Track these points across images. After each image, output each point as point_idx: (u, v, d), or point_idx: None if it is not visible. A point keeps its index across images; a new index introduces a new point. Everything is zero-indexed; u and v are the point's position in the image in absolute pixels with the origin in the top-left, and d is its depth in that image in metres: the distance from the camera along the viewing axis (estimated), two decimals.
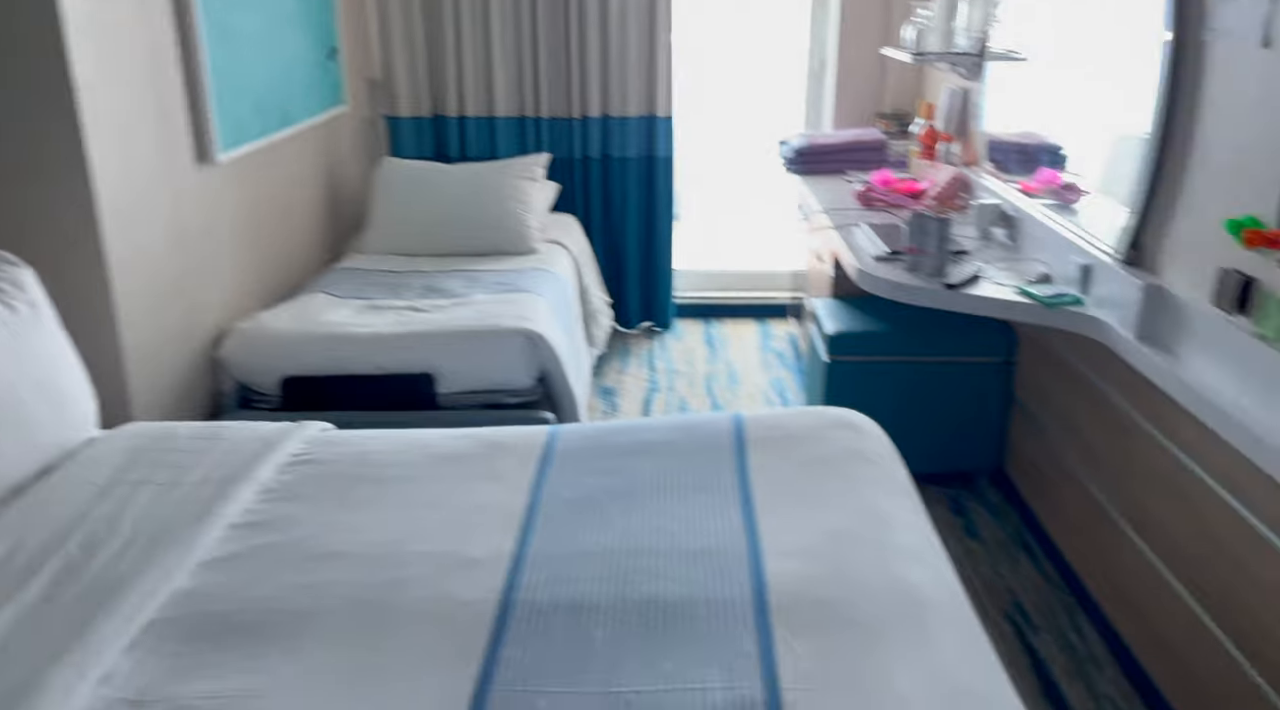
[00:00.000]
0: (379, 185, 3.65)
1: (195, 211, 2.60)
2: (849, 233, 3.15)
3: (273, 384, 2.69)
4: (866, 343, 3.02)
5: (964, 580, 2.63)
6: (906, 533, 1.62)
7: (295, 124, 3.24)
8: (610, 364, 4.22)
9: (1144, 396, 2.17)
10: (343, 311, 2.92)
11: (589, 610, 1.41)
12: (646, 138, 4.30)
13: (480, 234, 3.56)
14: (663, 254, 4.46)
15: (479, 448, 1.91)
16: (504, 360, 2.73)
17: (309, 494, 1.73)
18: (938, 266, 2.67)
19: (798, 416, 2.03)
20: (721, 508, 1.69)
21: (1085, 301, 2.42)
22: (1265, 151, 1.78)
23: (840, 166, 4.01)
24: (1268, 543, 1.73)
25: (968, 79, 3.52)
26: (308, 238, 3.50)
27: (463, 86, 4.17)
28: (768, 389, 3.97)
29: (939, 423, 3.05)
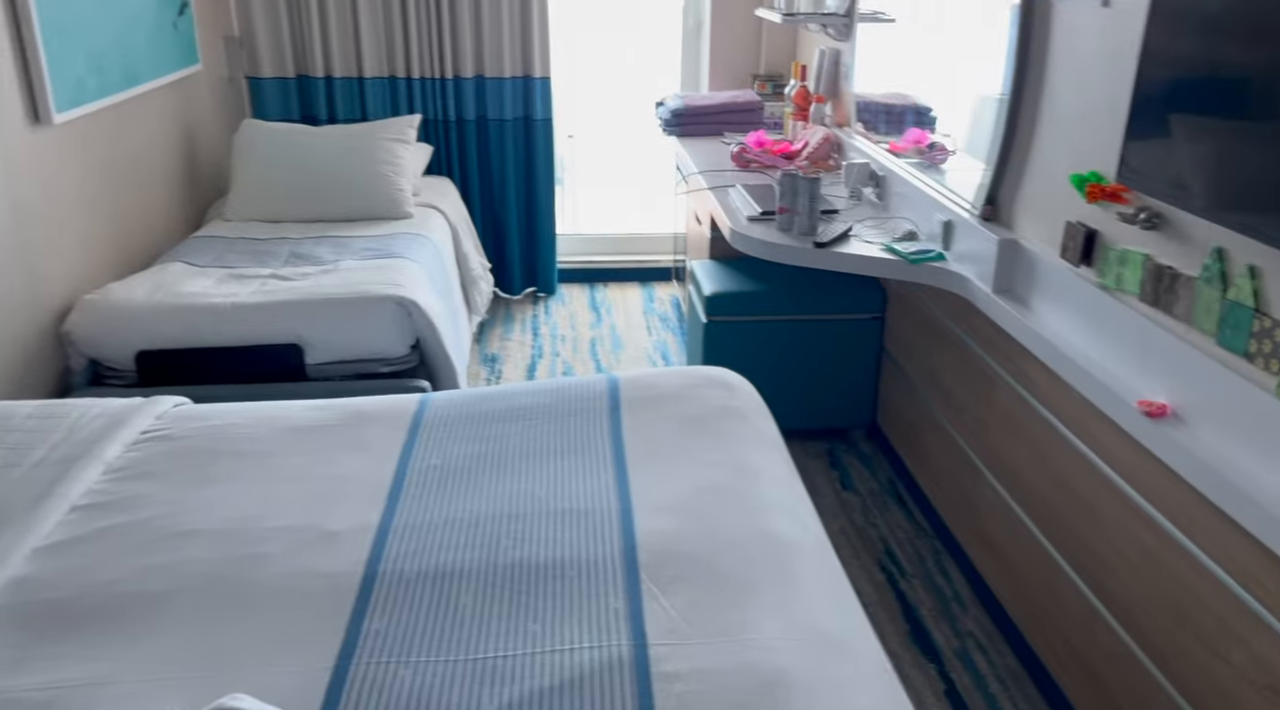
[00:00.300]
0: (240, 149, 3.48)
1: (31, 176, 2.42)
2: (724, 194, 3.17)
3: (126, 359, 2.55)
4: (743, 303, 3.06)
5: (839, 531, 2.74)
6: (774, 486, 1.65)
7: (142, 84, 3.04)
8: (493, 330, 4.16)
9: (1000, 347, 2.26)
10: (202, 281, 2.78)
11: (456, 578, 1.39)
12: (523, 99, 4.23)
13: (350, 199, 3.44)
14: (545, 218, 4.41)
15: (344, 419, 1.85)
16: (376, 328, 2.65)
17: (160, 471, 1.64)
18: (808, 226, 2.71)
19: (672, 376, 2.04)
20: (594, 469, 1.68)
21: (947, 257, 2.50)
22: (1106, 109, 1.86)
23: (717, 128, 4.02)
24: (1110, 483, 1.83)
25: (838, 40, 3.57)
26: (167, 204, 3.32)
27: (328, 45, 4.00)
28: (651, 351, 3.98)
29: (815, 379, 3.12)
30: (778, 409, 3.17)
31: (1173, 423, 1.64)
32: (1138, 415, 1.68)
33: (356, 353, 2.66)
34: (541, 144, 4.29)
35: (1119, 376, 1.80)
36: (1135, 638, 1.78)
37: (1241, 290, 1.51)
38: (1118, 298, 1.84)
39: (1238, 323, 1.52)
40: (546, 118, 4.27)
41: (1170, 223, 1.69)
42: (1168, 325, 1.70)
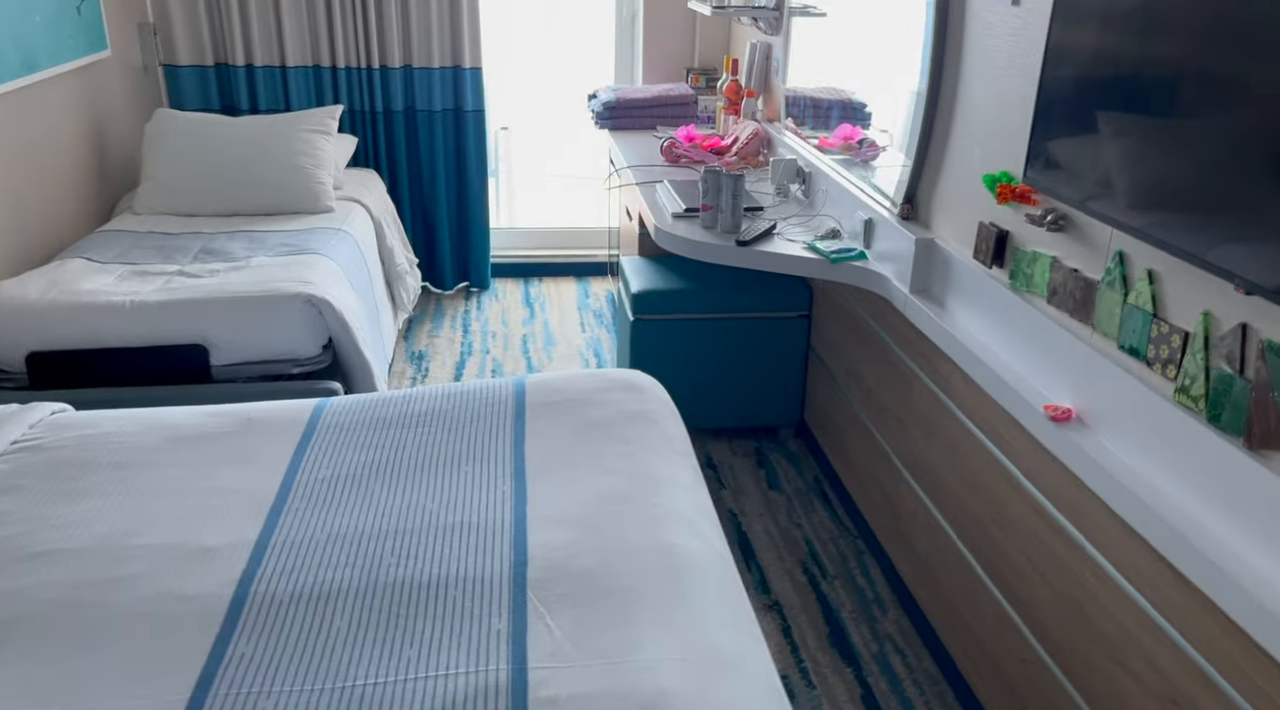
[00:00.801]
0: (151, 139, 3.34)
1: None
2: (651, 190, 3.12)
3: (16, 361, 2.43)
4: (670, 300, 3.01)
5: (764, 531, 2.71)
6: (676, 496, 1.60)
7: (41, 70, 2.90)
8: (422, 326, 4.07)
9: (918, 347, 2.24)
10: (102, 279, 2.66)
11: (331, 599, 1.32)
12: (453, 90, 4.13)
13: (267, 192, 3.33)
14: (477, 211, 4.32)
15: (233, 426, 1.77)
16: (285, 328, 2.55)
17: (25, 485, 1.55)
18: (731, 223, 2.67)
19: (582, 379, 1.98)
20: (491, 479, 1.62)
21: (868, 256, 2.47)
22: (1016, 108, 1.84)
23: (650, 121, 3.97)
24: (1020, 486, 1.81)
25: (769, 34, 3.53)
26: (72, 196, 3.18)
27: (249, 33, 3.87)
28: (584, 349, 3.92)
29: (743, 377, 3.09)
30: (706, 408, 3.17)
31: (1077, 427, 1.62)
32: (1043, 419, 1.66)
33: (264, 353, 2.56)
34: (473, 136, 4.20)
35: (1028, 380, 1.78)
36: (1044, 643, 1.76)
37: (1141, 295, 1.49)
38: (1027, 300, 1.82)
39: (1137, 327, 1.50)
40: (478, 109, 4.18)
41: (1076, 225, 1.67)
42: (1074, 329, 1.69)
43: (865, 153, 2.95)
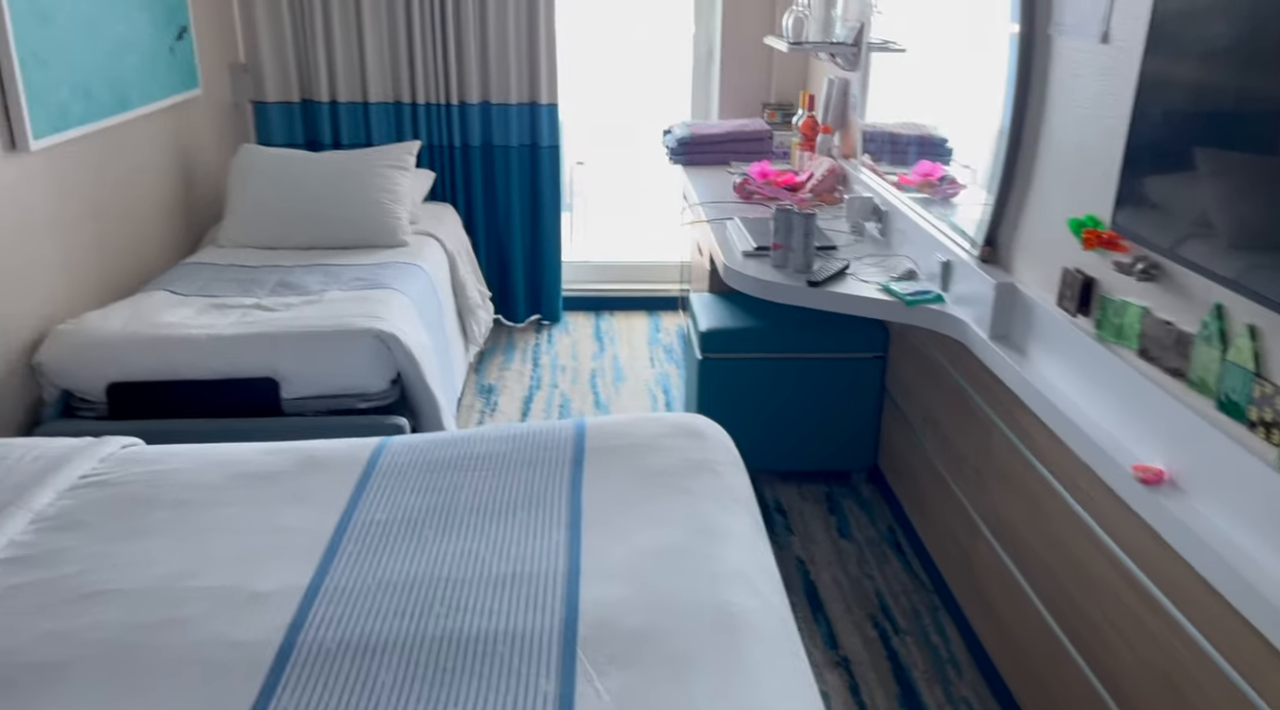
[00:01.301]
0: (237, 174, 3.44)
1: (5, 203, 2.38)
2: (722, 227, 3.08)
3: (98, 391, 2.49)
4: (740, 339, 2.95)
5: (833, 580, 2.61)
6: (737, 551, 1.54)
7: (134, 109, 3.01)
8: (493, 359, 4.09)
9: (998, 396, 2.14)
10: (182, 311, 2.72)
11: (378, 651, 1.29)
12: (530, 125, 4.17)
13: (344, 226, 3.39)
14: (550, 245, 4.34)
15: (293, 464, 1.77)
16: (354, 363, 2.57)
17: (89, 522, 1.57)
18: (802, 262, 2.61)
19: (644, 424, 1.94)
20: (546, 527, 1.58)
21: (946, 299, 2.38)
22: (1102, 150, 1.75)
23: (724, 157, 3.94)
24: (1106, 549, 1.70)
25: (846, 69, 3.47)
26: (160, 229, 3.28)
27: (333, 70, 3.97)
28: (653, 385, 3.88)
29: (814, 420, 3.00)
30: (775, 450, 3.10)
31: (1168, 491, 1.51)
32: (1132, 480, 1.56)
33: (333, 388, 2.59)
34: (548, 171, 4.23)
35: (1115, 436, 1.67)
36: None
37: (1241, 351, 1.38)
38: (1115, 351, 1.72)
39: (1237, 386, 1.39)
40: (553, 145, 4.21)
41: (1169, 275, 1.57)
42: (1166, 385, 1.58)
43: (945, 190, 2.86)
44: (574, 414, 3.60)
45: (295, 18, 3.91)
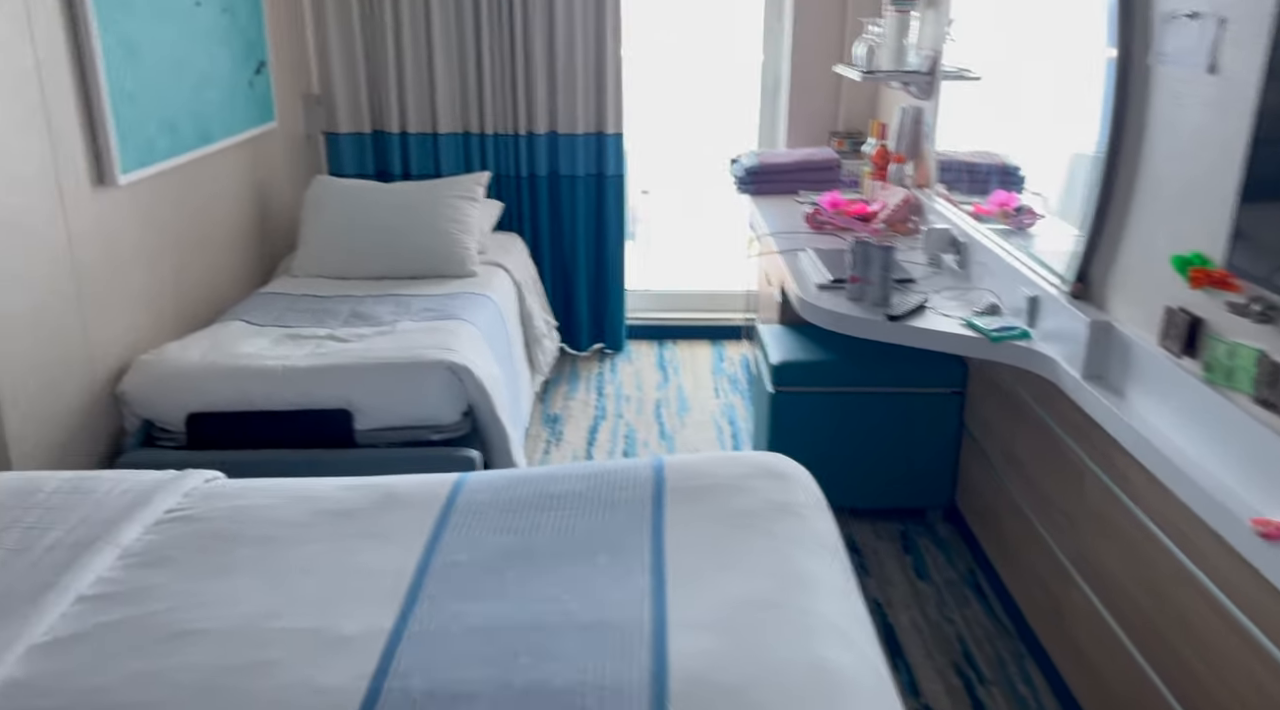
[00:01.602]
0: (310, 205, 3.49)
1: (94, 236, 2.43)
2: (795, 258, 3.03)
3: (178, 421, 2.52)
4: (812, 373, 2.90)
5: (911, 624, 2.53)
6: (830, 602, 1.49)
7: (215, 142, 3.07)
8: (557, 389, 4.08)
9: (1091, 438, 2.05)
10: (258, 341, 2.75)
11: (466, 700, 1.26)
12: (596, 155, 4.18)
13: (415, 256, 3.41)
14: (614, 274, 4.33)
15: (373, 501, 1.76)
16: (426, 394, 2.57)
17: (175, 558, 1.57)
18: (881, 296, 2.55)
19: (724, 463, 1.89)
20: (628, 572, 1.55)
21: (1033, 335, 2.30)
22: (1212, 185, 1.67)
23: (792, 186, 3.90)
24: (1215, 602, 1.61)
25: (920, 98, 3.42)
26: (234, 260, 3.34)
27: (404, 102, 4.03)
28: (718, 416, 3.83)
29: (889, 456, 2.93)
30: (848, 486, 3.02)
31: None
32: (1251, 534, 1.47)
33: (406, 419, 2.59)
34: (613, 200, 4.23)
35: (1228, 486, 1.59)
36: None
37: None
38: (1227, 396, 1.64)
39: None
40: (619, 174, 4.21)
41: None
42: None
43: (1022, 220, 2.79)
44: (640, 445, 3.57)
45: (367, 50, 3.98)
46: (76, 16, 2.33)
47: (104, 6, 2.41)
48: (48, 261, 2.24)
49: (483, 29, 3.92)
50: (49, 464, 2.25)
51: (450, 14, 3.91)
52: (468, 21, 3.92)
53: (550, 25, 3.95)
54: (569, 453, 3.51)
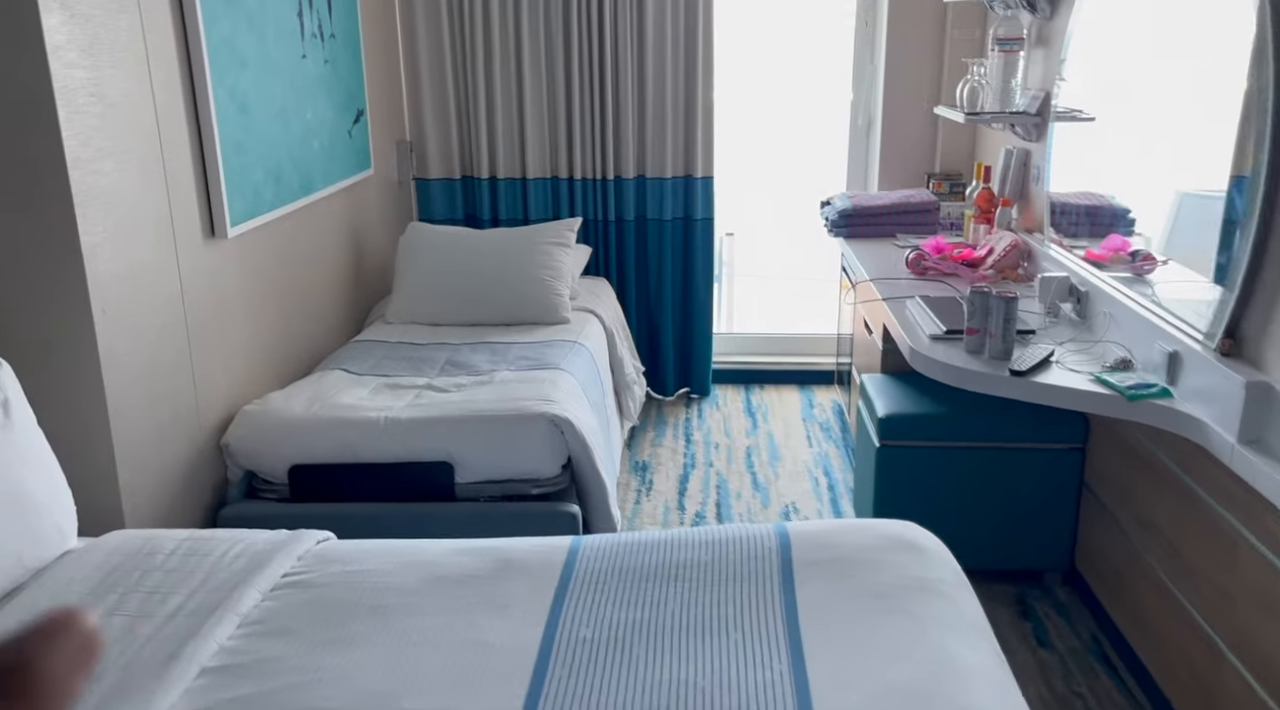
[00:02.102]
0: (404, 251, 3.50)
1: (204, 288, 2.45)
2: (901, 306, 2.92)
3: (280, 473, 2.51)
4: (921, 426, 2.78)
5: (1037, 697, 2.37)
6: (988, 693, 1.37)
7: (317, 191, 3.10)
8: (644, 435, 4.00)
9: (1247, 506, 1.90)
10: (358, 391, 2.74)
11: None
12: (684, 198, 4.14)
13: (509, 304, 3.39)
14: (701, 317, 4.27)
15: (488, 567, 1.70)
16: (527, 447, 2.52)
17: (295, 627, 1.52)
18: (1001, 349, 2.43)
19: (852, 532, 1.79)
20: (765, 654, 1.45)
21: (1174, 394, 2.16)
22: None
23: (889, 229, 3.80)
24: None
25: (1027, 139, 3.30)
26: (332, 306, 3.35)
27: (494, 148, 4.04)
28: (812, 465, 3.72)
29: (1003, 514, 2.79)
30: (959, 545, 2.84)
31: None
32: None
33: (507, 472, 2.54)
34: (700, 243, 4.18)
35: None
36: None
37: None
38: None
39: None
40: (707, 217, 4.16)
41: None
42: None
43: (1140, 266, 2.66)
44: (733, 496, 3.47)
45: (459, 97, 4.01)
46: (194, 72, 2.36)
47: (218, 62, 2.44)
48: (161, 313, 2.25)
49: (573, 75, 3.92)
50: (158, 515, 2.25)
51: (541, 61, 3.92)
52: (558, 68, 3.92)
53: (641, 69, 3.94)
54: (661, 503, 3.43)
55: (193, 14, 2.33)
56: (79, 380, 2.00)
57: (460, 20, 3.91)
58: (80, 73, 1.93)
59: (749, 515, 3.35)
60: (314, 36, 3.07)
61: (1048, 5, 3.16)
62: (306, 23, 3.01)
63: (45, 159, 1.88)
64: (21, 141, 1.88)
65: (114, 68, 2.04)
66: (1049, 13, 3.16)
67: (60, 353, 1.99)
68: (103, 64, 2.00)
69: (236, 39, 2.55)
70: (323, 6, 3.14)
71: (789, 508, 3.40)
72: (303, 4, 2.98)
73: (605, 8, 3.84)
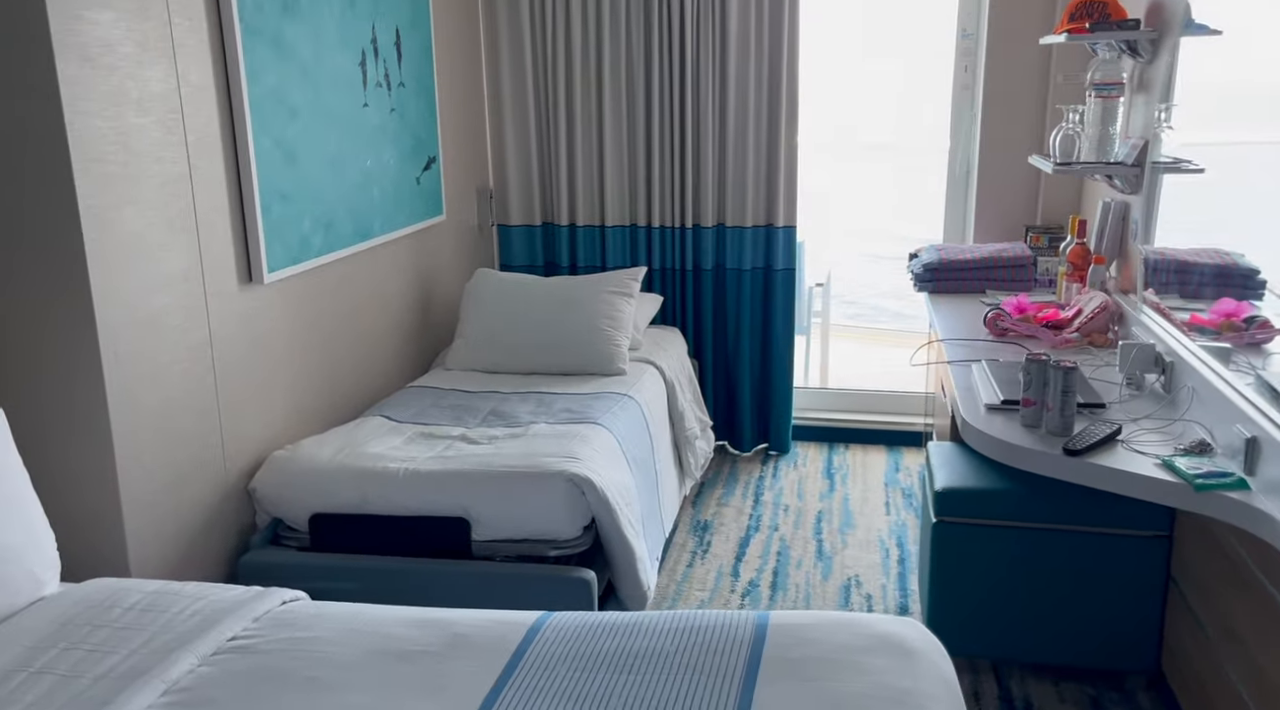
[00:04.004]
0: (469, 297, 3.50)
1: (237, 332, 2.49)
2: (966, 370, 2.69)
3: (303, 520, 2.51)
4: (982, 503, 2.52)
5: None
6: None
7: (375, 238, 3.13)
8: (712, 492, 3.85)
9: None
10: (392, 440, 2.72)
11: None
12: (765, 248, 4.00)
13: (565, 353, 3.33)
14: (781, 371, 4.09)
15: (438, 642, 1.60)
16: (545, 507, 2.43)
17: (220, 698, 1.47)
18: (1059, 425, 2.18)
19: (838, 628, 1.61)
20: None
21: (1250, 485, 1.87)
22: None
23: (979, 284, 3.54)
24: None
25: (1125, 192, 3.01)
26: (393, 352, 3.37)
27: (574, 195, 4.03)
28: (886, 536, 3.47)
29: (1077, 605, 2.49)
30: (1026, 637, 2.59)
31: None
32: None
33: (524, 532, 2.45)
34: (781, 294, 4.02)
35: None
36: None
37: None
38: None
39: None
40: (789, 268, 4.01)
41: None
42: None
43: (1254, 335, 2.34)
44: (793, 565, 3.27)
45: (541, 145, 4.02)
46: (235, 124, 2.42)
47: (263, 113, 2.50)
48: (185, 357, 2.29)
49: (653, 122, 3.87)
50: (170, 561, 2.27)
51: (622, 108, 3.89)
52: (639, 114, 3.88)
53: (722, 117, 3.85)
54: (714, 568, 3.26)
55: (235, 67, 2.39)
56: (87, 425, 2.05)
57: (544, 67, 3.93)
58: (100, 123, 1.99)
59: (806, 586, 3.14)
60: (379, 85, 3.12)
61: (1149, 47, 2.89)
62: (370, 72, 3.07)
63: (59, 206, 1.95)
64: (39, 188, 1.95)
65: (140, 117, 2.10)
66: (1150, 55, 2.89)
67: (67, 396, 2.04)
68: (127, 114, 2.06)
69: (286, 90, 2.61)
70: (391, 56, 3.20)
71: (851, 581, 3.16)
72: (366, 54, 3.04)
73: (688, 53, 3.78)
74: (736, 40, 3.78)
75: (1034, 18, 3.67)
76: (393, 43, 3.21)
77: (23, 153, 1.94)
